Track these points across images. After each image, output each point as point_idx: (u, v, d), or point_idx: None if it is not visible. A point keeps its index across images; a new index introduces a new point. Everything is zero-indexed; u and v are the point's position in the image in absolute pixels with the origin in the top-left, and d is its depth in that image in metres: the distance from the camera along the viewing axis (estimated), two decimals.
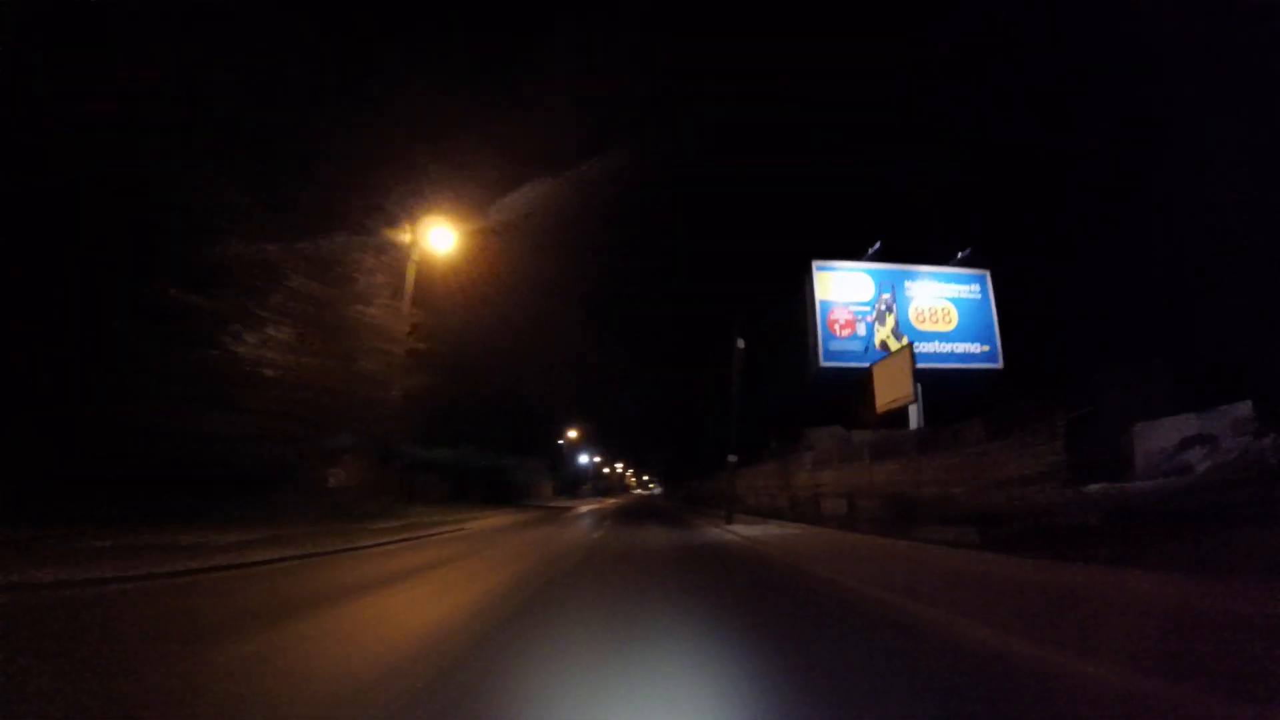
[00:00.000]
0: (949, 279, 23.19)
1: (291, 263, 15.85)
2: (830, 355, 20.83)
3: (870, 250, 22.39)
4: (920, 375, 15.28)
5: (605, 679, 3.48)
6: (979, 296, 23.04)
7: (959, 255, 23.51)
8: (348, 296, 18.56)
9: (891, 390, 14.76)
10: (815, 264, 21.89)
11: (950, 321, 22.43)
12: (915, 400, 13.71)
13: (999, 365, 22.30)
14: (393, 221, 20.26)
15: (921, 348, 19.36)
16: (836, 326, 21.35)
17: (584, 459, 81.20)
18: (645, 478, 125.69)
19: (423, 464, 35.76)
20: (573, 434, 67.55)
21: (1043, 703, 3.19)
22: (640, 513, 30.48)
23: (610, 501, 53.93)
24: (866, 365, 20.30)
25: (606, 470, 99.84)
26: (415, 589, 6.78)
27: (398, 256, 20.31)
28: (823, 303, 21.49)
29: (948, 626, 4.79)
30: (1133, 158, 24.22)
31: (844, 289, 21.95)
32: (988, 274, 23.31)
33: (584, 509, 35.01)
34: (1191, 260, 23.41)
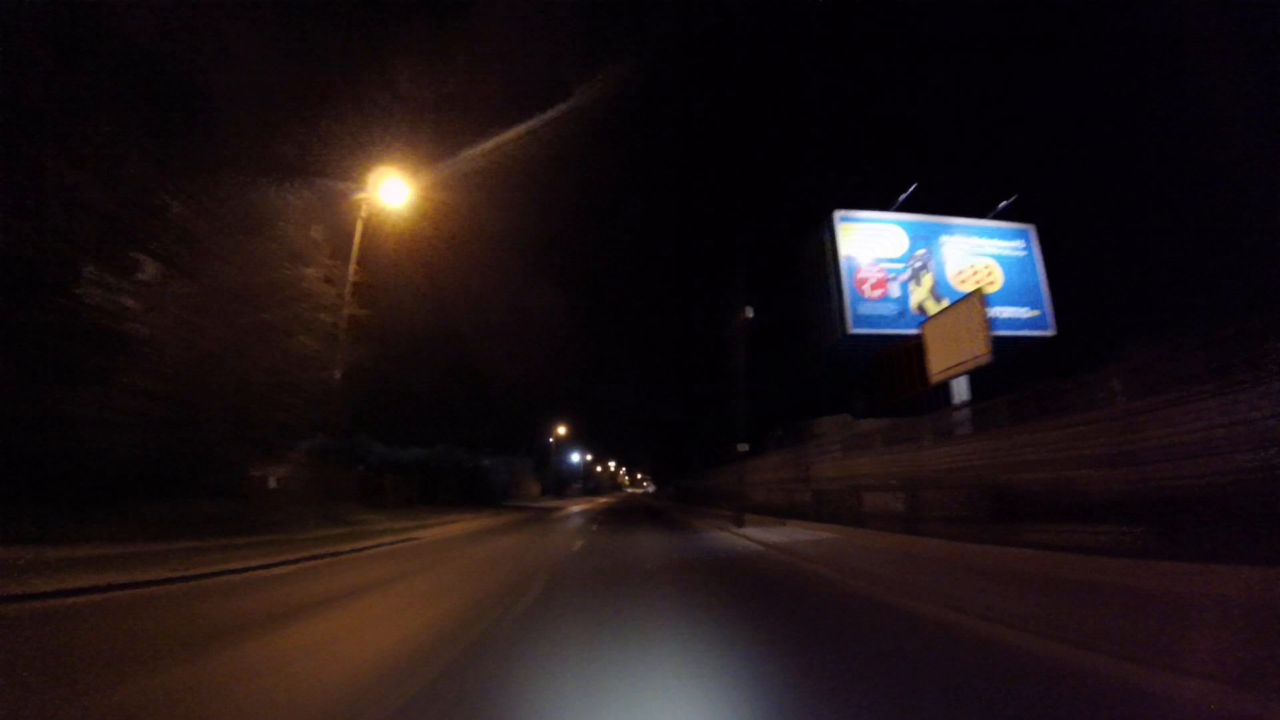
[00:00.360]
0: (990, 234, 20.08)
1: (190, 203, 12.42)
2: (860, 320, 17.61)
3: (901, 197, 19.22)
4: None
5: None
6: (1024, 254, 19.97)
7: (1000, 206, 20.41)
8: (274, 253, 15.12)
9: (951, 352, 11.65)
10: (838, 214, 18.65)
11: (994, 282, 19.33)
12: (990, 359, 10.62)
13: (1051, 331, 19.23)
14: (337, 169, 16.83)
15: None
16: (865, 286, 18.15)
17: (574, 457, 77.97)
18: (639, 476, 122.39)
19: (392, 464, 32.57)
20: (561, 430, 64.21)
21: None
22: (633, 513, 27.32)
23: (601, 501, 50.83)
24: (902, 332, 17.28)
25: (598, 469, 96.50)
26: (241, 658, 3.59)
27: (342, 210, 16.90)
28: (848, 259, 18.27)
29: None
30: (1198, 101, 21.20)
31: (872, 243, 18.75)
32: (1033, 229, 20.27)
33: (571, 509, 31.92)
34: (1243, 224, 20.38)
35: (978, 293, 11.22)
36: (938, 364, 12.20)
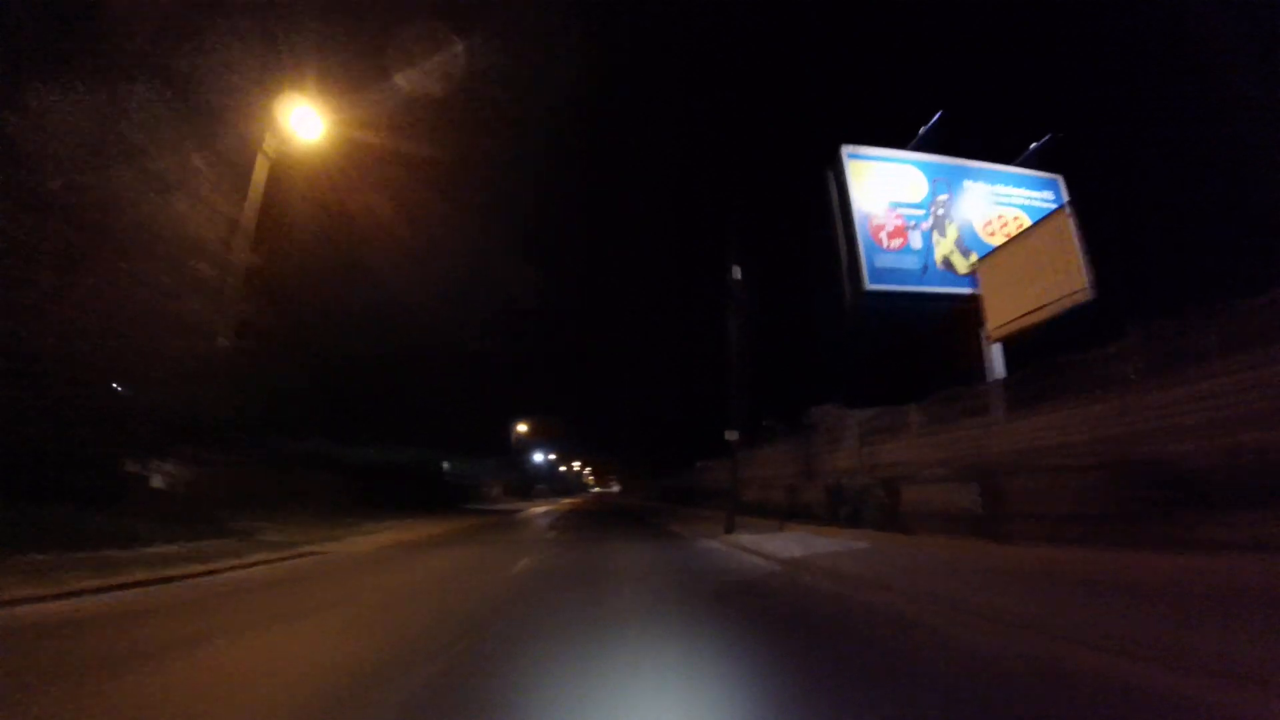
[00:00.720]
0: (1016, 181, 17.65)
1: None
2: (878, 275, 14.84)
3: (921, 132, 16.53)
4: None
5: None
6: (1053, 206, 17.56)
7: (1030, 149, 17.91)
8: (135, 179, 11.65)
9: (1026, 295, 8.98)
10: (845, 150, 15.87)
11: None
12: (1091, 294, 7.96)
13: (1089, 294, 16.82)
14: (238, 89, 13.21)
15: None
16: (882, 235, 15.40)
17: (538, 457, 74.54)
18: (606, 476, 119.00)
19: (343, 465, 28.77)
20: (523, 428, 60.77)
21: None
22: (602, 517, 24.38)
23: (567, 502, 48.09)
24: (926, 290, 14.76)
25: (563, 469, 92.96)
26: None
27: (235, 139, 13.37)
28: (859, 203, 15.53)
29: None
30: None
31: (887, 186, 16.06)
32: (1061, 179, 17.93)
33: (534, 511, 29.49)
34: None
35: (1061, 210, 8.56)
36: (1001, 315, 9.49)
